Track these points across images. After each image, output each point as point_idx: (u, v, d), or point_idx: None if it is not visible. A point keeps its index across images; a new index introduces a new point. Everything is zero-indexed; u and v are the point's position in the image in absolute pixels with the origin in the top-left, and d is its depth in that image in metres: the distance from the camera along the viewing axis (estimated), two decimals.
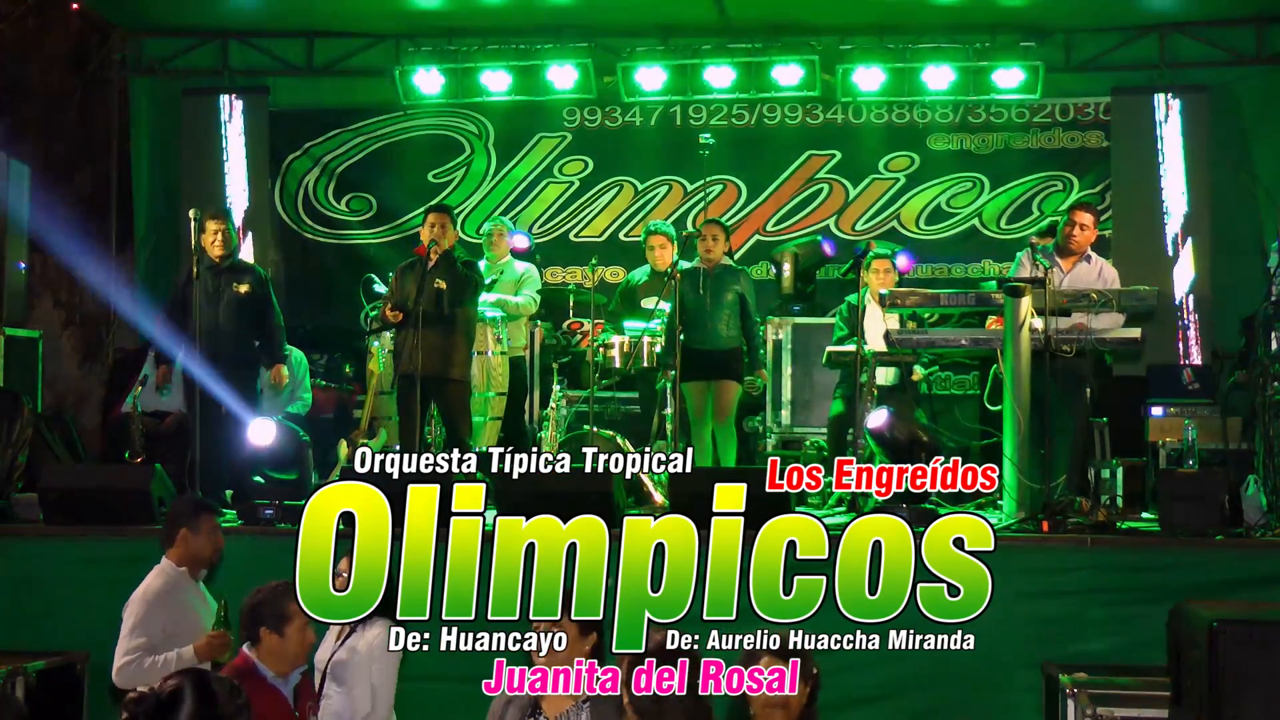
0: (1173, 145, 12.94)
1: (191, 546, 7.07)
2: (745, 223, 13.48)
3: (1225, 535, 8.52)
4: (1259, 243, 11.94)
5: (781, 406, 11.49)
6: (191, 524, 7.08)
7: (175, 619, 6.87)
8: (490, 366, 10.58)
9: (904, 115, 13.50)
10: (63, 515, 9.01)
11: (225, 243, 10.02)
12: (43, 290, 13.89)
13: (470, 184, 13.90)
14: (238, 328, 9.97)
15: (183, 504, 7.43)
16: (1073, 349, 9.15)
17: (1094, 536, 8.42)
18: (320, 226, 14.02)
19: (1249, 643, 5.85)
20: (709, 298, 10.32)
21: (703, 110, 13.65)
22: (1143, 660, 7.59)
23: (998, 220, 13.31)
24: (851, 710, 7.86)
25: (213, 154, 13.78)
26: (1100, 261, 10.05)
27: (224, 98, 13.83)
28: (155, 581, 7.00)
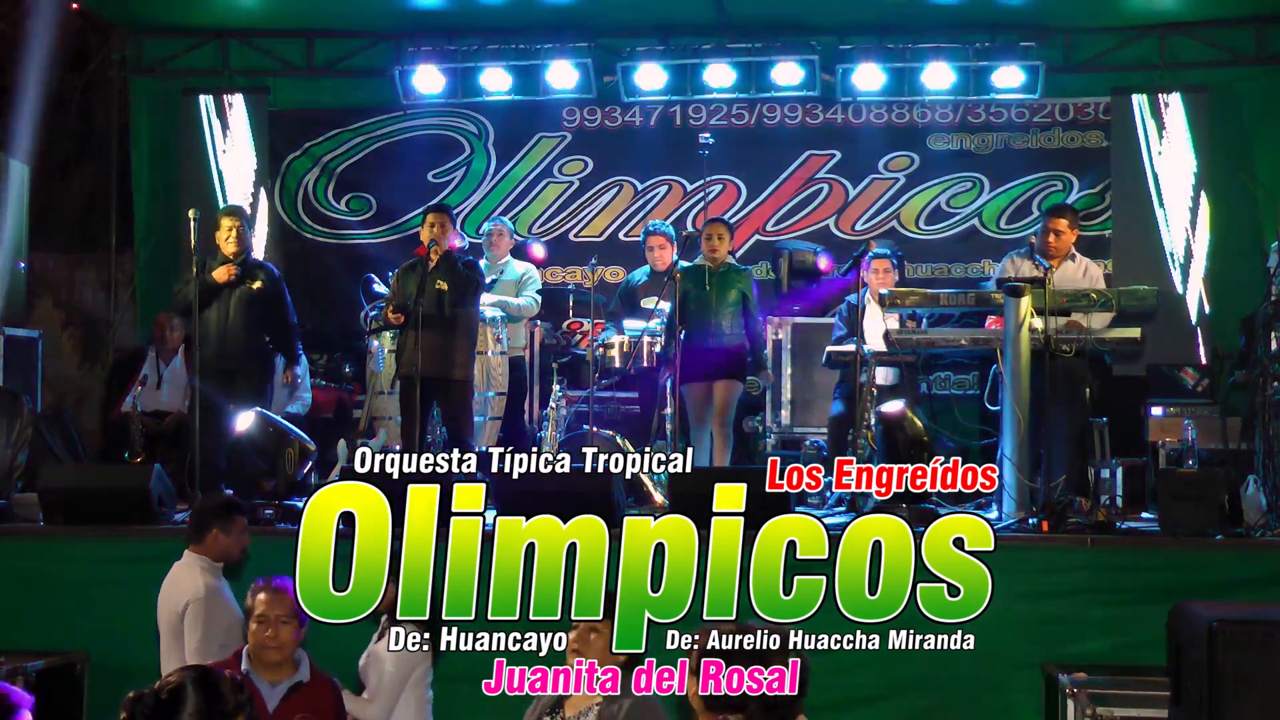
0: (1172, 146, 12.93)
1: (223, 545, 7.10)
2: (745, 222, 13.48)
3: (1225, 535, 8.52)
4: (1259, 243, 11.94)
5: (781, 406, 11.49)
6: (224, 524, 7.11)
7: (231, 614, 6.89)
8: (490, 366, 10.58)
9: (904, 115, 13.50)
10: (62, 515, 9.00)
11: (239, 239, 10.01)
12: (43, 290, 13.91)
13: (470, 184, 13.90)
14: (249, 325, 9.96)
15: (214, 502, 7.45)
16: (1072, 349, 9.15)
17: (1094, 536, 8.42)
18: (320, 226, 14.01)
19: (1248, 643, 5.85)
20: (714, 295, 10.32)
21: (702, 110, 13.65)
22: (1142, 660, 7.60)
23: (997, 220, 13.31)
24: (850, 710, 7.86)
25: (212, 154, 13.77)
26: (1084, 260, 10.08)
27: (224, 98, 13.82)
28: (208, 579, 7.00)
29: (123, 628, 8.12)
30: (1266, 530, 8.65)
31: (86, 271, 14.46)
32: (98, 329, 14.26)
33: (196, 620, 6.88)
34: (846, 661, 5.22)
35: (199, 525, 7.16)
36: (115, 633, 8.27)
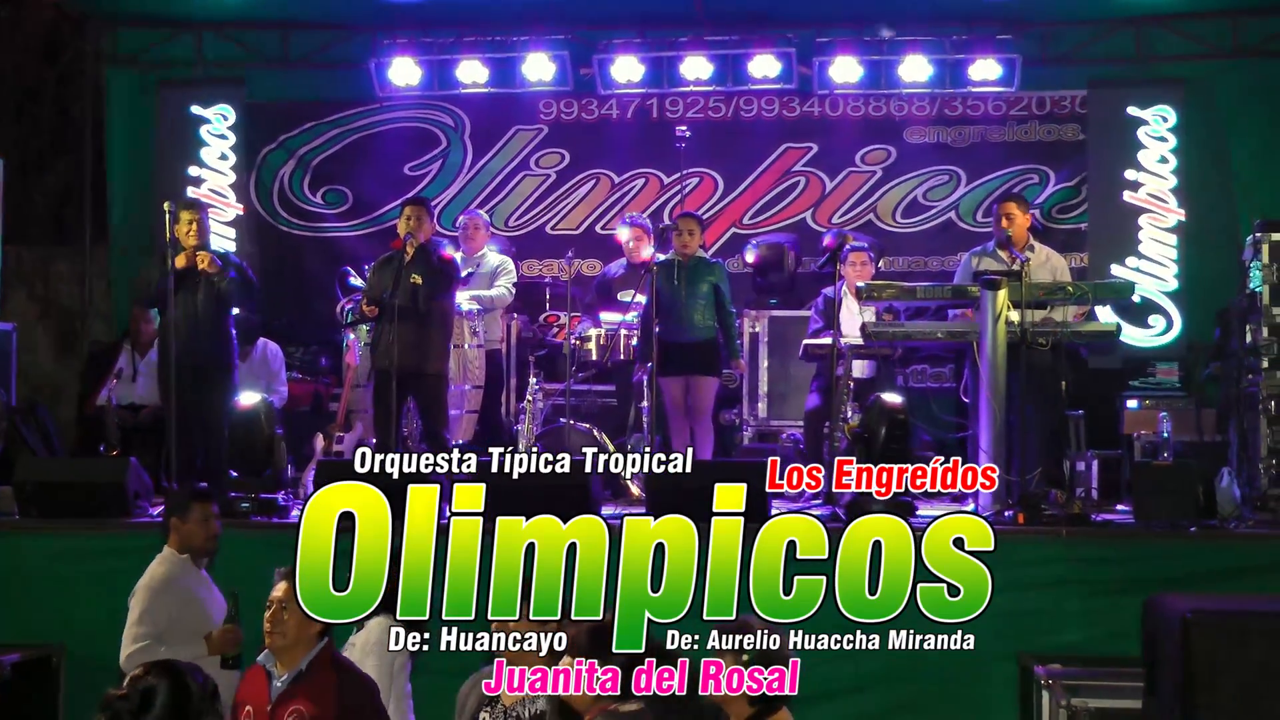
0: (1148, 138, 12.96)
1: (183, 534, 7.22)
2: (722, 215, 13.47)
3: (1199, 527, 8.56)
4: (1234, 235, 11.98)
5: (758, 399, 11.50)
6: (180, 513, 7.24)
7: (180, 605, 7.05)
8: (466, 359, 10.57)
9: (881, 108, 13.50)
10: (38, 508, 8.99)
11: (200, 233, 9.96)
12: (17, 283, 13.85)
13: (446, 177, 13.86)
14: (217, 316, 9.91)
15: (171, 493, 7.65)
16: (1048, 341, 9.17)
17: (1069, 529, 8.45)
18: (295, 219, 13.96)
19: (1222, 634, 5.87)
20: (684, 289, 10.33)
21: (679, 102, 13.63)
22: (1117, 651, 7.62)
23: (974, 213, 13.31)
24: (827, 702, 7.88)
25: (187, 146, 13.72)
26: (1045, 249, 10.14)
27: (199, 90, 13.76)
28: (158, 569, 7.17)
29: (98, 620, 8.08)
30: (1240, 522, 8.69)
31: (61, 264, 14.41)
32: (73, 322, 14.21)
33: (134, 608, 7.06)
34: (822, 654, 5.21)
35: (165, 515, 7.41)
36: (91, 625, 8.26)
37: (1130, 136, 12.93)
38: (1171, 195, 12.86)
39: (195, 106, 13.69)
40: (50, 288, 14.25)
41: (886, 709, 8.14)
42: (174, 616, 7.00)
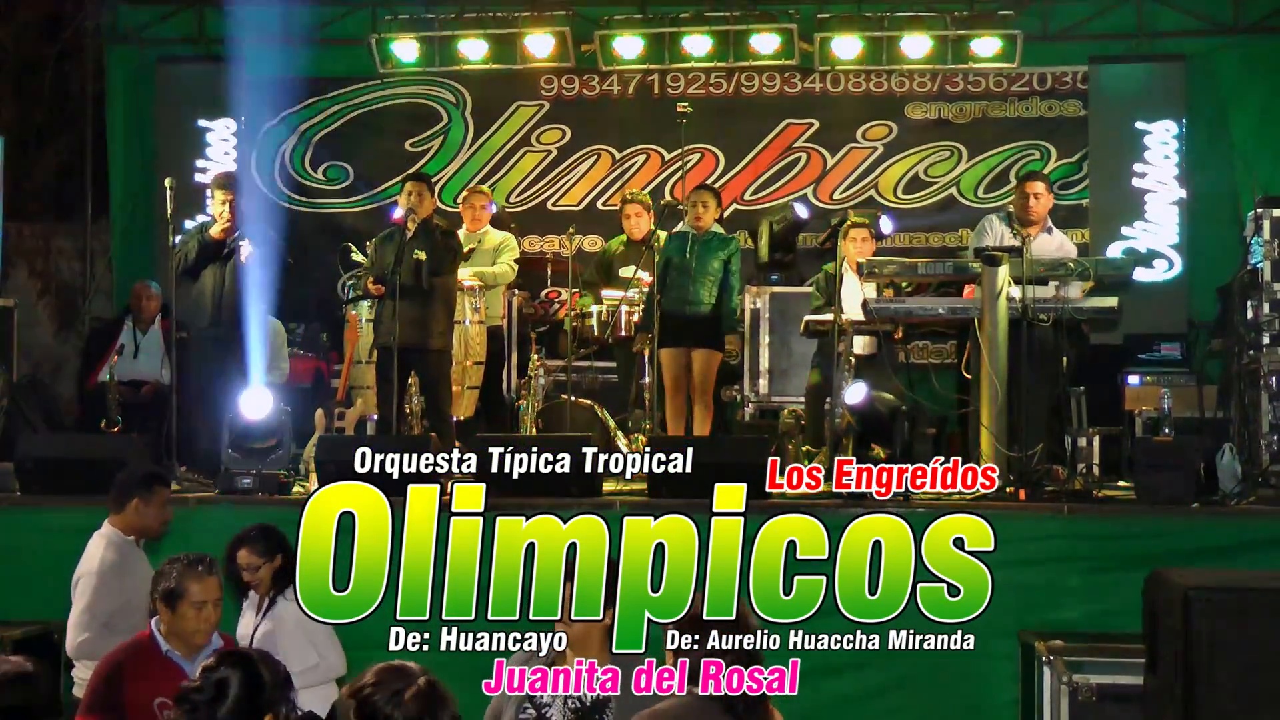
0: (1150, 114, 12.94)
1: (143, 517, 7.03)
2: (723, 191, 13.41)
3: (1200, 503, 8.54)
4: (1235, 211, 11.96)
5: (759, 375, 11.49)
6: (145, 494, 7.04)
7: (130, 590, 6.79)
8: (468, 336, 10.56)
9: (882, 84, 13.49)
10: (39, 484, 8.98)
11: (234, 213, 9.85)
12: (18, 259, 13.85)
13: (447, 153, 13.85)
14: (244, 293, 9.85)
15: (136, 472, 7.31)
16: (1049, 318, 9.16)
17: (1070, 505, 8.44)
18: (297, 195, 13.96)
19: (1223, 610, 5.88)
20: (694, 262, 10.29)
21: (680, 79, 13.61)
22: (1118, 628, 7.62)
23: (975, 189, 13.31)
24: (823, 678, 7.87)
25: (188, 122, 13.70)
26: (1060, 235, 10.12)
27: (199, 66, 13.73)
28: (108, 555, 6.93)
29: None
30: (1241, 498, 8.68)
31: (62, 240, 14.41)
32: (74, 298, 14.21)
33: (82, 594, 6.86)
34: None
35: (120, 495, 7.06)
36: None
37: (1131, 112, 12.93)
38: (1174, 169, 12.86)
39: (195, 83, 13.66)
40: (51, 264, 14.26)
41: (883, 685, 8.13)
42: (122, 602, 6.77)
